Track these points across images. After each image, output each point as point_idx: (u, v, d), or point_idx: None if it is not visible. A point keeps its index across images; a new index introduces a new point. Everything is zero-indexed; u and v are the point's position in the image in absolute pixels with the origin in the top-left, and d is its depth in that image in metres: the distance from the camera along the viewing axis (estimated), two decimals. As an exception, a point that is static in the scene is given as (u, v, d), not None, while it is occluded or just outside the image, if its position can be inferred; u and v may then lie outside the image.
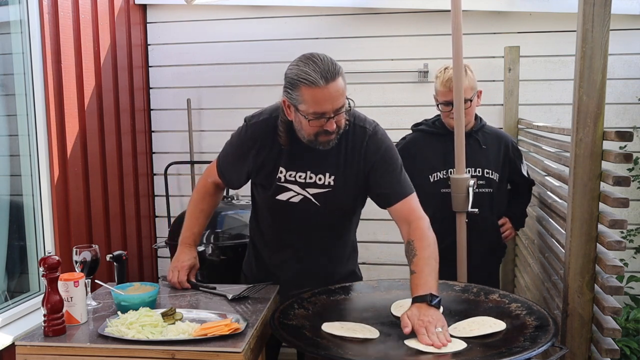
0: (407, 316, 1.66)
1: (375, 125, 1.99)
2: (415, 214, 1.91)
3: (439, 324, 1.62)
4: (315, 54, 1.78)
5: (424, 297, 1.69)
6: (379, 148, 1.94)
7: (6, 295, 2.63)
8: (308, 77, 1.73)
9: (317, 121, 1.79)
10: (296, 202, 1.96)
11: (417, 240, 1.84)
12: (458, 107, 2.26)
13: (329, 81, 1.73)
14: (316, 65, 1.74)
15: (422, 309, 1.66)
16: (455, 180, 2.31)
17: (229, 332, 1.59)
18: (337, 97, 1.76)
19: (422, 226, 1.87)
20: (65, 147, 2.78)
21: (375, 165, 1.94)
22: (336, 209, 1.99)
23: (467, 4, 2.99)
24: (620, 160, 1.66)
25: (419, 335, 1.60)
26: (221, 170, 2.10)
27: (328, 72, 1.73)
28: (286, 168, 1.95)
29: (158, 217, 3.75)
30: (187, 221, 2.14)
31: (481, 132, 2.57)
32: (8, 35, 2.68)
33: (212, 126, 3.63)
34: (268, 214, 2.06)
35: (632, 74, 3.27)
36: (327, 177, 1.95)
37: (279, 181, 1.95)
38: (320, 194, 1.95)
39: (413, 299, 1.72)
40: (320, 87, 1.73)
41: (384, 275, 3.46)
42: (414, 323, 1.62)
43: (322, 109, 1.76)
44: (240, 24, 3.55)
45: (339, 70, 1.77)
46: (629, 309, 3.08)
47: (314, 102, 1.75)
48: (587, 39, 1.66)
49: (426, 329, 1.60)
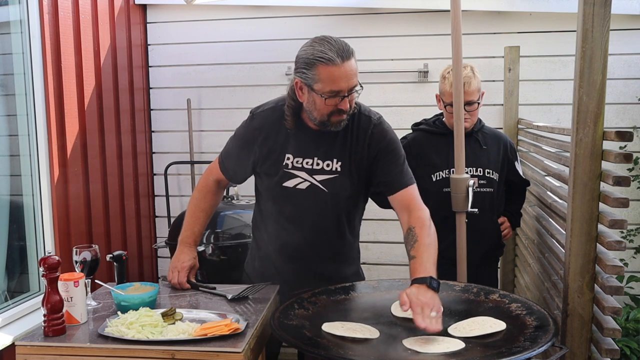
0: (406, 294, 1.68)
1: (380, 117, 2.03)
2: (416, 203, 1.95)
3: (435, 308, 1.64)
4: (327, 36, 1.83)
5: (423, 279, 1.72)
6: (383, 137, 1.98)
7: (6, 295, 2.63)
8: (324, 55, 1.78)
9: (332, 100, 1.83)
10: (303, 188, 1.97)
11: (418, 227, 1.88)
12: (458, 107, 2.26)
13: (344, 59, 1.78)
14: (331, 45, 1.79)
15: (420, 289, 1.69)
16: (455, 180, 2.31)
17: (229, 332, 1.59)
18: (351, 75, 1.81)
19: (423, 216, 1.92)
20: (65, 147, 2.79)
21: (379, 153, 1.97)
22: (342, 195, 2.00)
23: (467, 4, 3.00)
24: (620, 160, 1.66)
25: (415, 314, 1.63)
26: (224, 166, 2.10)
27: (343, 51, 1.79)
28: (293, 154, 1.96)
29: (158, 217, 3.75)
30: (188, 220, 2.14)
31: (481, 133, 2.58)
32: (8, 35, 2.68)
33: (212, 126, 3.63)
34: (273, 203, 2.05)
35: (632, 74, 3.27)
36: (334, 163, 1.97)
37: (286, 168, 1.96)
38: (328, 180, 1.97)
39: (412, 280, 1.74)
40: (337, 65, 1.78)
41: (384, 275, 3.46)
42: (412, 301, 1.65)
43: (338, 86, 1.80)
44: (240, 24, 3.55)
45: (352, 50, 1.82)
46: (629, 309, 3.09)
47: (330, 80, 1.80)
48: (587, 39, 1.66)
49: (422, 310, 1.62)
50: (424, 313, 1.62)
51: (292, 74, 1.94)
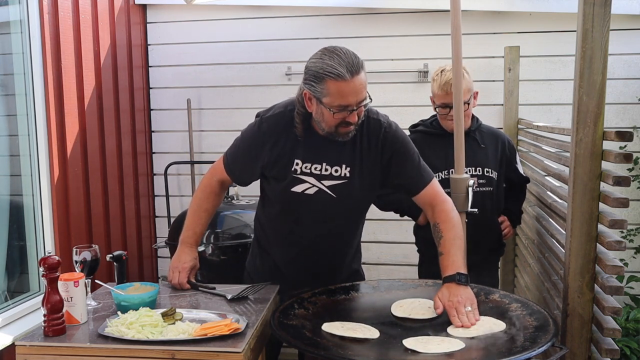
0: (438, 297, 1.79)
1: (388, 118, 2.04)
2: (439, 198, 2.00)
3: (468, 303, 1.75)
4: (337, 47, 1.81)
5: (452, 276, 1.82)
6: (396, 139, 1.99)
7: (6, 295, 2.63)
8: (334, 70, 1.75)
9: (341, 113, 1.82)
10: (311, 194, 1.96)
11: (442, 222, 1.94)
12: (457, 108, 2.26)
13: (354, 75, 1.76)
14: (341, 58, 1.76)
15: (451, 289, 1.79)
16: (455, 181, 2.31)
17: (229, 332, 1.59)
18: (361, 90, 1.80)
19: (446, 209, 1.97)
20: (65, 147, 2.78)
21: (394, 156, 1.98)
22: (351, 200, 2.00)
23: (466, 4, 2.99)
24: (620, 160, 1.66)
25: (450, 316, 1.73)
26: (230, 168, 2.07)
27: (353, 65, 1.76)
28: (302, 160, 1.95)
29: (158, 217, 3.75)
30: (190, 220, 2.12)
31: (478, 132, 2.57)
32: (8, 35, 2.68)
33: (212, 126, 3.63)
34: (280, 207, 2.04)
35: (632, 74, 3.27)
36: (343, 169, 1.96)
37: (295, 173, 1.96)
38: (336, 185, 1.96)
39: (443, 279, 1.84)
40: (347, 80, 1.75)
41: (384, 275, 3.46)
42: (445, 304, 1.76)
43: (347, 101, 1.79)
44: (240, 24, 3.55)
45: (362, 63, 1.80)
46: (629, 309, 3.09)
47: (339, 95, 1.78)
48: (587, 39, 1.65)
49: (456, 310, 1.73)
50: (458, 312, 1.72)
51: (292, 73, 1.94)
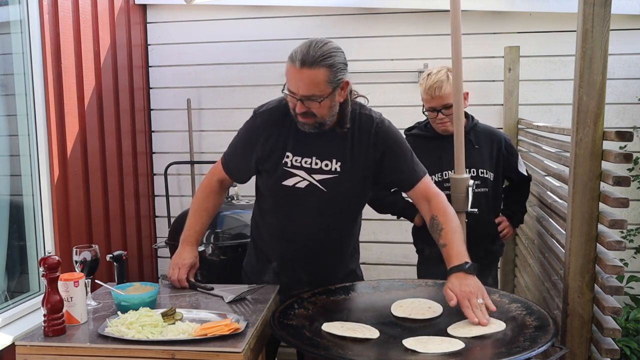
0: (449, 288, 1.77)
1: (380, 114, 2.05)
2: (433, 191, 2.01)
3: (479, 294, 1.75)
4: (320, 40, 1.85)
5: (460, 266, 1.81)
6: (389, 135, 2.00)
7: (6, 295, 2.63)
8: (293, 53, 1.84)
9: (291, 98, 1.88)
10: (302, 187, 1.98)
11: (441, 215, 1.94)
12: (457, 107, 2.26)
13: (304, 66, 1.80)
14: (307, 47, 1.82)
15: (460, 278, 1.79)
16: (455, 181, 2.31)
17: (229, 332, 1.59)
18: (307, 84, 1.82)
19: (442, 201, 1.98)
20: (65, 147, 2.78)
21: (387, 152, 1.99)
22: (342, 195, 2.00)
23: (466, 4, 2.99)
24: (620, 160, 1.66)
25: (464, 308, 1.73)
26: (228, 166, 2.11)
27: (309, 57, 1.80)
28: (293, 153, 1.98)
29: (158, 217, 3.75)
30: (190, 219, 2.14)
31: (473, 132, 2.55)
32: (8, 35, 2.68)
33: (212, 126, 3.63)
34: (273, 202, 2.06)
35: (632, 74, 3.27)
36: (333, 163, 1.97)
37: (285, 166, 1.98)
38: (327, 179, 1.97)
39: (449, 269, 1.83)
40: (295, 67, 1.82)
41: (384, 275, 3.46)
42: (457, 294, 1.75)
43: (292, 87, 1.86)
44: (240, 24, 3.55)
45: (324, 63, 1.81)
46: (629, 309, 3.09)
47: (288, 77, 1.86)
48: (587, 39, 1.66)
49: (469, 301, 1.73)
50: (472, 304, 1.72)
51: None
